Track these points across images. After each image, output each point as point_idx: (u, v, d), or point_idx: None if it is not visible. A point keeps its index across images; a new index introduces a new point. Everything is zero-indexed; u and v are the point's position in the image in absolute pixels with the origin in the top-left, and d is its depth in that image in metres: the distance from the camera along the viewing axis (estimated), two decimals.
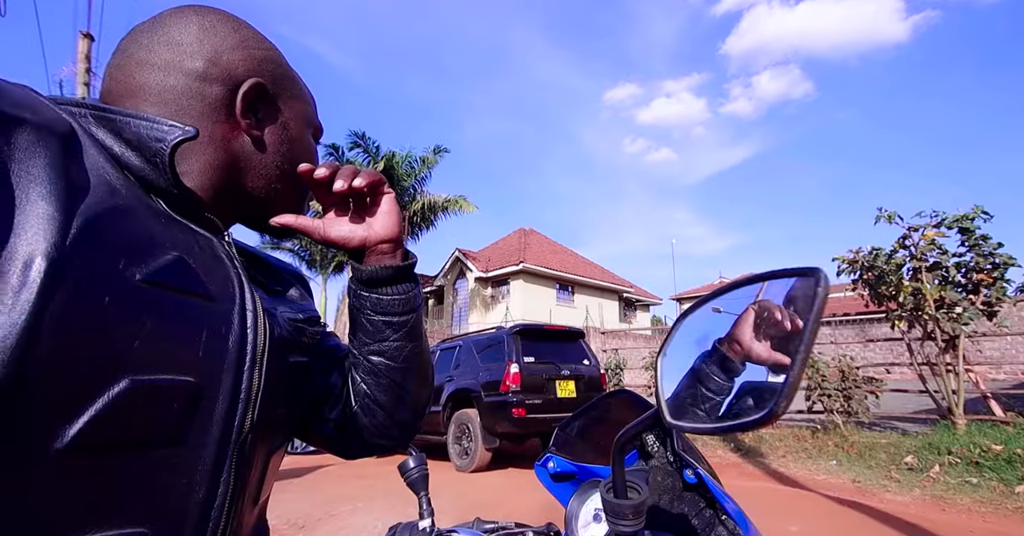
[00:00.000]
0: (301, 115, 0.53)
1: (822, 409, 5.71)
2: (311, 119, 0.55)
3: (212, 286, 0.40)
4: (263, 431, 0.43)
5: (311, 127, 0.55)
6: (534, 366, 5.22)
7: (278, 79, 0.51)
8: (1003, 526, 3.21)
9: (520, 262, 18.68)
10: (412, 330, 0.54)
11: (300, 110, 0.53)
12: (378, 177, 0.51)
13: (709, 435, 0.52)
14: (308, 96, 0.56)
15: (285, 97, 0.52)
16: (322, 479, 4.94)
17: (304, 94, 0.55)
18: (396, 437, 0.59)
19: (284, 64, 0.53)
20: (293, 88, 0.53)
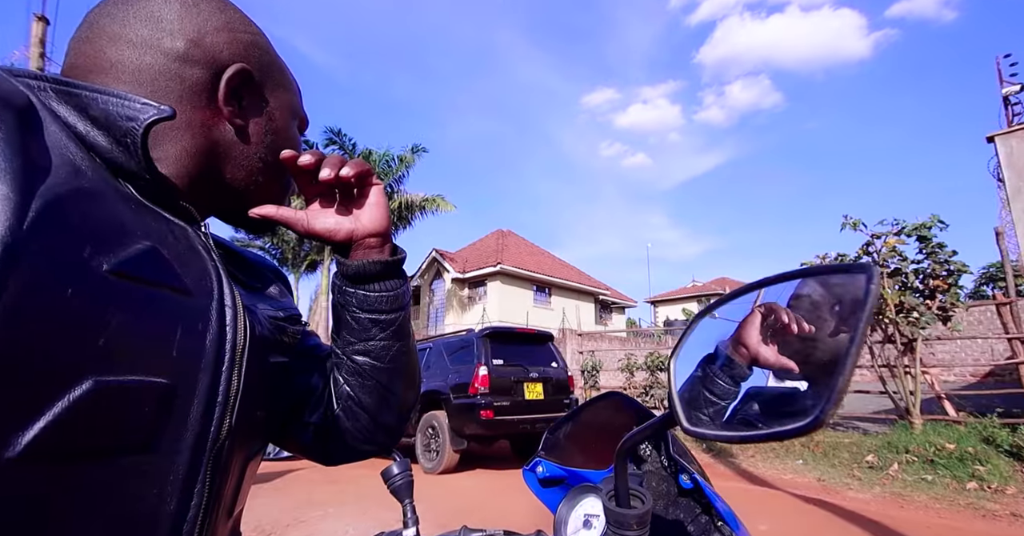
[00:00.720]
0: (287, 105, 0.51)
1: None
2: (297, 110, 0.53)
3: (188, 279, 0.36)
4: (241, 436, 0.40)
5: (296, 118, 0.53)
6: (503, 368, 5.26)
7: (265, 66, 0.48)
8: (956, 521, 3.37)
9: (497, 263, 18.65)
10: (399, 329, 0.52)
11: (286, 100, 0.51)
12: (366, 167, 0.49)
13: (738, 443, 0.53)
14: (295, 85, 0.53)
15: (271, 85, 0.49)
16: (291, 483, 4.80)
17: (291, 83, 0.52)
18: (380, 442, 0.56)
19: (271, 50, 0.50)
20: (280, 76, 0.51)
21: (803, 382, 0.41)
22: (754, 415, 0.42)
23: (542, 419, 5.31)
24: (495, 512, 3.75)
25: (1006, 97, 6.40)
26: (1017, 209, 5.79)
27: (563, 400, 5.58)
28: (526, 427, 5.24)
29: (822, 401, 0.27)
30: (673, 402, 0.37)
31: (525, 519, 3.47)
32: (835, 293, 0.32)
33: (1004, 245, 6.22)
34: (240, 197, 0.48)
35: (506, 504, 3.96)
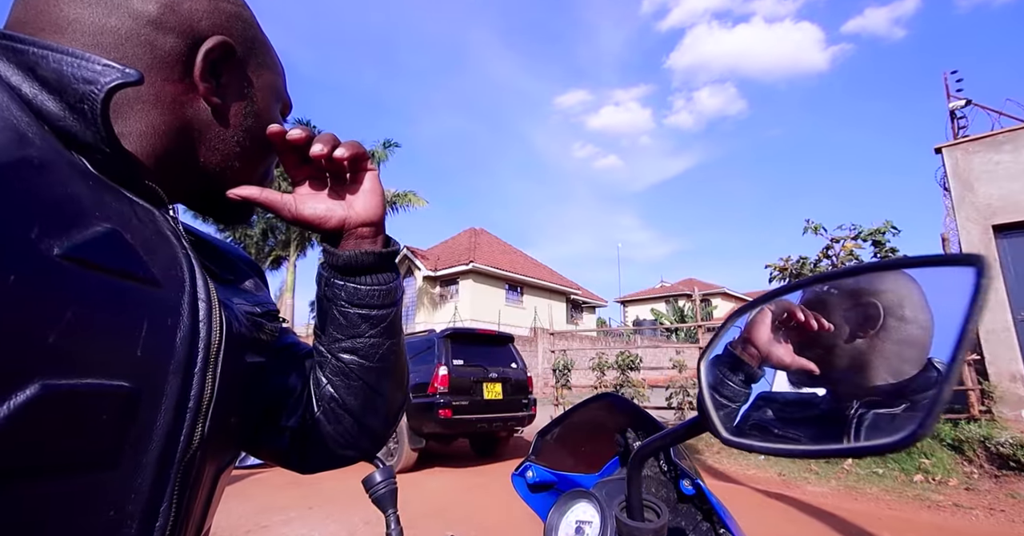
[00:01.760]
0: (270, 86, 0.47)
1: None
2: (281, 93, 0.49)
3: (155, 268, 0.32)
4: (213, 446, 0.36)
5: (280, 102, 0.49)
6: (463, 369, 5.34)
7: (248, 42, 0.44)
8: (904, 512, 3.56)
9: (470, 262, 18.54)
10: (390, 326, 0.49)
11: (270, 81, 0.47)
12: (361, 149, 0.45)
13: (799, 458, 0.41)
14: (279, 66, 0.49)
15: (255, 64, 0.45)
16: (252, 487, 4.60)
17: (276, 63, 0.48)
18: (364, 447, 0.52)
19: (256, 25, 0.46)
20: (264, 55, 0.46)
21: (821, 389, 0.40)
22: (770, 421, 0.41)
23: (500, 418, 5.45)
24: (463, 512, 3.71)
25: (952, 111, 6.81)
26: (961, 217, 6.18)
27: (521, 400, 5.72)
28: (484, 426, 5.38)
29: (920, 413, 0.24)
30: (706, 408, 0.34)
31: (495, 519, 3.45)
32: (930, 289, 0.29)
33: (950, 250, 6.63)
34: (212, 183, 0.44)
35: (474, 504, 3.92)
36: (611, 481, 0.65)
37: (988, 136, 6.20)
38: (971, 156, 6.25)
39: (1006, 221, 5.93)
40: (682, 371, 6.78)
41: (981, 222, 6.06)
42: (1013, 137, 6.03)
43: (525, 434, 7.29)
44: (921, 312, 0.35)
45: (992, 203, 6.03)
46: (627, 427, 0.65)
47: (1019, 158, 5.95)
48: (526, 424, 5.84)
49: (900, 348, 0.36)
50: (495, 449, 6.09)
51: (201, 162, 0.42)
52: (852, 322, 0.37)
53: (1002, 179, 6.02)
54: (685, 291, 26.75)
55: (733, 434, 0.32)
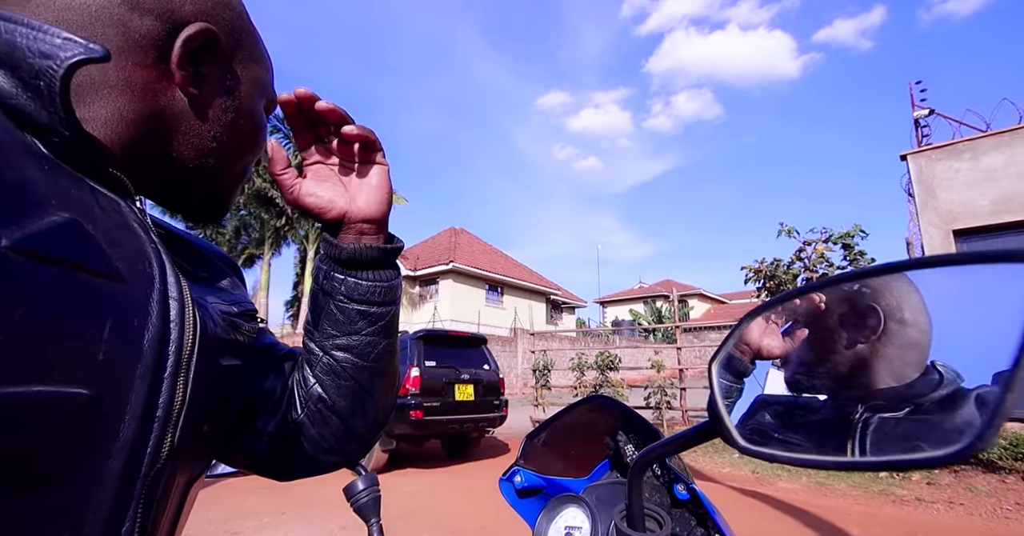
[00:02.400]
0: (256, 81, 0.44)
1: None
2: (267, 88, 0.46)
3: (120, 263, 0.29)
4: (183, 457, 0.33)
5: (265, 98, 0.46)
6: (435, 370, 5.36)
7: (235, 32, 0.41)
8: (870, 507, 3.68)
9: (450, 261, 18.44)
10: (388, 325, 0.47)
11: (256, 75, 0.44)
12: (372, 136, 0.43)
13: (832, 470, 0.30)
14: (267, 60, 0.47)
15: (240, 56, 0.42)
16: (222, 491, 4.44)
17: (263, 56, 0.46)
18: (350, 452, 0.50)
19: (245, 15, 0.43)
20: (252, 47, 0.44)
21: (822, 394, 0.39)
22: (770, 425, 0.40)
23: (471, 419, 5.49)
24: (441, 515, 3.66)
25: (917, 120, 7.10)
26: (924, 222, 6.45)
27: (493, 401, 5.75)
28: (455, 427, 5.39)
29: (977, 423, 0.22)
30: (719, 414, 0.33)
31: (475, 522, 3.42)
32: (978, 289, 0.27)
33: (913, 254, 6.92)
34: (183, 179, 0.41)
35: (452, 507, 3.88)
36: (601, 485, 0.64)
37: (949, 144, 6.49)
38: (934, 163, 6.54)
39: (965, 226, 6.21)
40: (660, 371, 6.88)
41: (943, 227, 6.34)
42: (972, 146, 6.33)
43: (499, 435, 7.30)
44: (920, 314, 0.35)
45: (953, 209, 6.32)
46: (618, 430, 0.64)
47: (977, 166, 6.25)
48: (497, 425, 5.90)
49: (901, 352, 0.35)
50: (466, 449, 6.10)
51: (172, 156, 0.40)
52: (852, 327, 0.36)
53: (962, 186, 6.31)
54: (663, 292, 27.21)
55: (749, 442, 0.31)
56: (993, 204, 6.07)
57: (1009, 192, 5.99)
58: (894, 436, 0.32)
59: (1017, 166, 5.99)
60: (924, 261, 0.28)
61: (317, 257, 0.47)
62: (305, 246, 18.57)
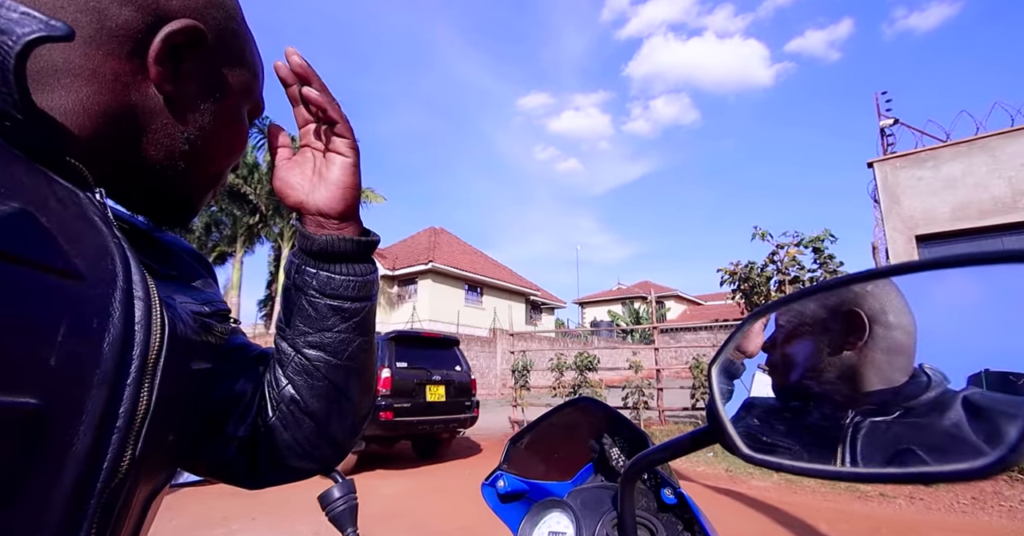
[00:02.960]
0: (242, 86, 0.43)
1: (704, 406, 6.34)
2: (253, 94, 0.45)
3: (79, 259, 0.27)
4: (146, 469, 0.31)
5: (250, 103, 0.45)
6: (406, 371, 5.37)
7: (225, 33, 0.40)
8: (838, 503, 3.80)
9: (429, 261, 18.29)
10: (363, 321, 0.45)
11: (242, 80, 0.42)
12: (332, 109, 0.41)
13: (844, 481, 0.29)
14: (257, 65, 0.45)
15: (228, 58, 0.41)
16: (187, 497, 4.27)
17: (253, 61, 0.44)
18: (324, 457, 0.48)
19: (238, 17, 0.42)
20: (242, 51, 0.42)
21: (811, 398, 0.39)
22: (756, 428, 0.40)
23: (442, 420, 5.52)
24: (421, 517, 3.62)
25: (883, 129, 7.40)
26: (889, 227, 6.72)
27: (464, 402, 5.80)
28: (425, 428, 5.41)
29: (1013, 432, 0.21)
30: (720, 419, 0.32)
31: (450, 524, 3.38)
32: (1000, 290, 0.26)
33: (878, 258, 7.19)
34: (147, 180, 0.39)
35: (430, 508, 3.84)
36: (586, 489, 0.63)
37: (912, 153, 6.78)
38: (898, 171, 6.82)
39: (927, 232, 6.50)
40: (638, 372, 6.96)
41: (906, 232, 6.61)
42: (933, 155, 6.62)
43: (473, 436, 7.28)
44: (904, 316, 0.35)
45: (915, 215, 6.59)
46: (603, 432, 0.63)
47: (938, 174, 6.54)
48: (468, 425, 5.94)
49: (888, 356, 0.35)
50: (437, 450, 6.10)
51: (140, 156, 0.37)
52: (837, 333, 0.36)
53: (924, 193, 6.59)
54: (641, 293, 27.61)
55: (753, 449, 0.30)
56: (953, 211, 6.36)
57: (967, 200, 6.29)
58: (885, 441, 0.32)
59: (975, 175, 6.29)
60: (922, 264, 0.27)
61: (291, 252, 0.45)
62: (280, 244, 18.14)
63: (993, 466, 0.20)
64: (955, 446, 0.28)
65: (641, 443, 0.56)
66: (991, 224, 6.14)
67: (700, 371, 6.40)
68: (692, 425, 6.45)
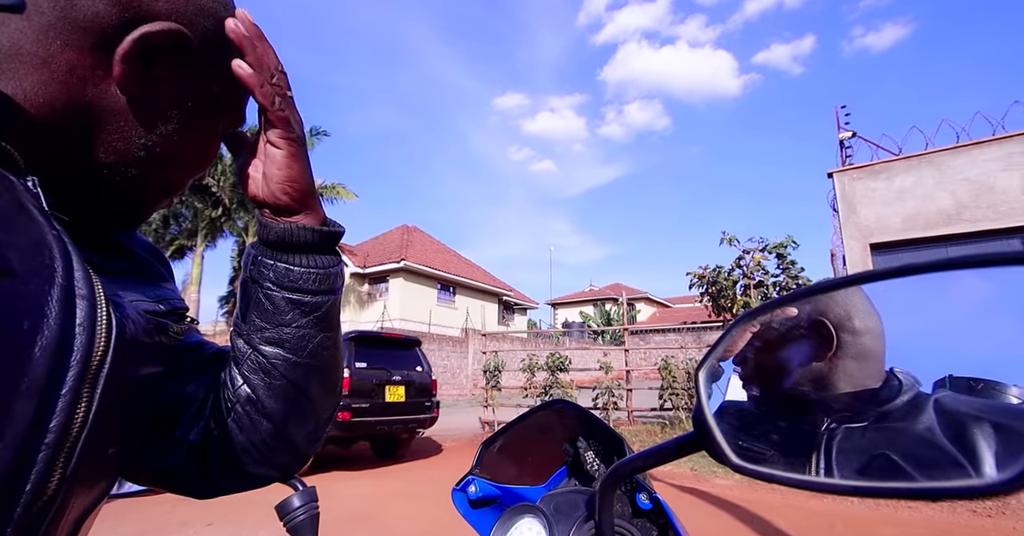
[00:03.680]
0: (223, 100, 0.41)
1: (671, 406, 6.49)
2: (235, 110, 0.42)
3: (11, 252, 0.24)
4: (80, 486, 0.28)
5: (229, 118, 0.42)
6: (365, 372, 5.36)
7: (212, 44, 0.37)
8: (795, 501, 3.95)
9: (401, 260, 18.03)
10: (325, 317, 0.42)
11: (225, 95, 0.41)
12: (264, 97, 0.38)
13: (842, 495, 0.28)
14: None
15: (211, 70, 0.38)
16: (133, 503, 4.04)
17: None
18: (284, 463, 0.45)
19: None
20: (228, 64, 0.39)
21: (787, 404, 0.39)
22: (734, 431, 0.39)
23: (401, 421, 5.54)
24: (388, 518, 3.54)
25: (842, 141, 7.76)
26: (847, 235, 7.05)
27: (424, 402, 5.82)
28: (384, 428, 5.41)
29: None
30: (708, 426, 0.31)
31: (417, 526, 3.33)
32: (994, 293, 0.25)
33: (836, 265, 7.54)
34: (91, 182, 0.36)
35: (394, 510, 3.77)
36: (559, 494, 0.62)
37: (868, 165, 7.14)
38: (856, 182, 7.16)
39: (880, 240, 6.85)
40: (608, 372, 7.05)
41: (862, 240, 6.95)
42: (887, 167, 6.99)
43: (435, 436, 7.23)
44: (870, 320, 0.35)
45: (870, 224, 6.94)
46: (578, 435, 0.62)
47: (891, 186, 6.91)
48: (427, 426, 5.97)
49: (859, 363, 0.35)
50: (396, 451, 6.07)
51: (87, 155, 0.35)
52: (806, 345, 0.36)
53: (878, 204, 6.95)
54: (612, 295, 28.04)
55: (742, 458, 0.29)
56: (903, 221, 6.73)
57: (916, 211, 6.67)
58: (860, 447, 0.32)
59: (923, 187, 6.68)
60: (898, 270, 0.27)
61: (250, 243, 0.43)
62: (244, 238, 17.47)
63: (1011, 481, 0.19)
64: (930, 453, 0.28)
65: (617, 446, 0.56)
66: (937, 234, 6.52)
67: (668, 372, 6.54)
68: (660, 426, 6.58)
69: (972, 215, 6.31)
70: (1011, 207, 6.08)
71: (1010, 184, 6.13)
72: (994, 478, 0.20)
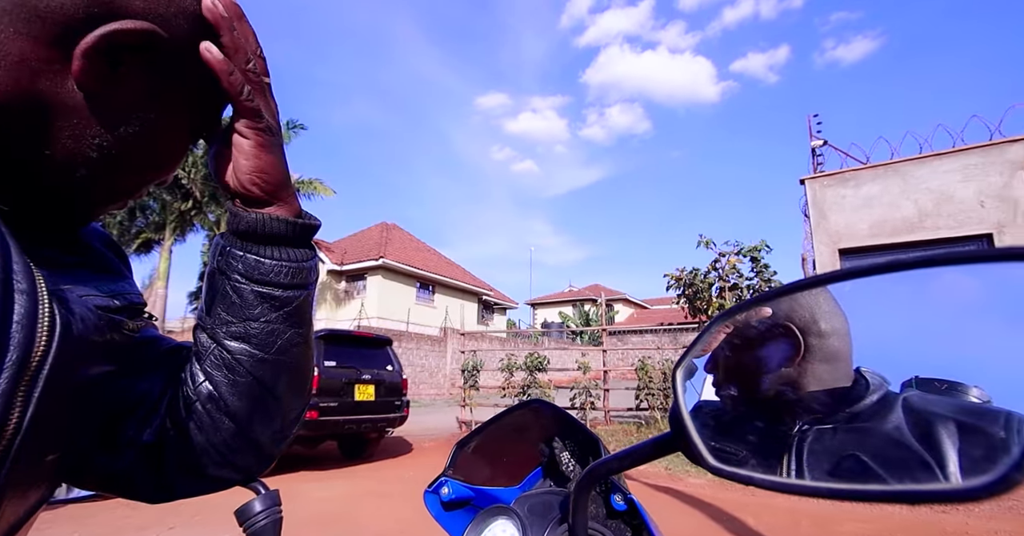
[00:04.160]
0: (196, 108, 0.38)
1: (647, 406, 6.58)
2: (210, 118, 0.40)
3: None
4: (13, 497, 0.26)
5: (199, 123, 0.40)
6: (334, 370, 5.33)
7: (189, 48, 0.35)
8: (764, 499, 4.05)
9: (380, 257, 17.79)
10: (296, 312, 0.41)
11: (201, 103, 0.38)
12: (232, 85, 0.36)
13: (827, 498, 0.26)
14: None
15: (186, 75, 0.36)
16: (88, 508, 3.86)
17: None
18: (246, 465, 0.43)
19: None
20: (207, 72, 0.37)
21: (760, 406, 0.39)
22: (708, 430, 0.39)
23: (370, 420, 5.52)
24: (361, 518, 3.49)
25: (814, 149, 8.02)
26: (817, 240, 7.27)
27: (394, 402, 5.82)
28: (352, 427, 5.39)
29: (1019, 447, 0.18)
30: (685, 427, 0.30)
31: (390, 526, 3.29)
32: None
33: (807, 269, 7.77)
34: (34, 179, 0.33)
35: (365, 511, 3.72)
36: (533, 495, 0.61)
37: (838, 173, 7.39)
38: (826, 189, 7.40)
39: (848, 246, 7.10)
40: (586, 373, 7.11)
41: (831, 245, 7.19)
42: (855, 176, 7.25)
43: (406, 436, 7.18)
44: (836, 320, 0.35)
45: (839, 230, 7.19)
46: (554, 435, 0.61)
47: (859, 193, 7.17)
48: (397, 425, 5.96)
49: (828, 365, 0.35)
50: (364, 450, 6.03)
51: (32, 150, 0.32)
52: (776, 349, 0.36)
53: (847, 210, 7.20)
54: (591, 296, 28.28)
55: (719, 460, 0.29)
56: (870, 228, 6.99)
57: (882, 218, 6.93)
58: (831, 448, 0.32)
59: (889, 195, 6.95)
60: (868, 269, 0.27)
61: (219, 234, 0.41)
62: (216, 233, 16.90)
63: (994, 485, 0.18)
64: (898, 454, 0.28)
65: (593, 447, 0.55)
66: (901, 241, 6.79)
67: (645, 372, 6.63)
68: (636, 425, 6.67)
69: (934, 223, 6.60)
70: (967, 216, 6.38)
71: (967, 194, 6.43)
72: (960, 485, 0.20)
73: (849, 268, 0.31)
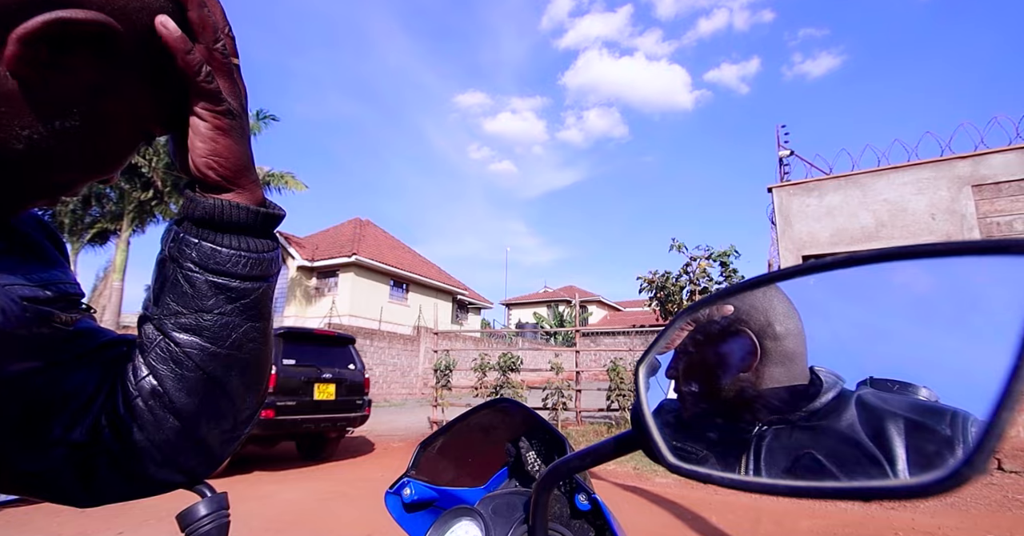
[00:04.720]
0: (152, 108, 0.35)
1: (618, 407, 6.67)
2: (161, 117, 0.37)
3: None
4: None
5: (150, 124, 0.37)
6: (293, 369, 5.25)
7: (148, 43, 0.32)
8: (728, 497, 4.17)
9: (352, 254, 17.44)
10: (255, 305, 0.39)
11: (158, 102, 0.36)
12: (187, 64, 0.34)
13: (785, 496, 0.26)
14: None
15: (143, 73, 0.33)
16: (31, 510, 3.63)
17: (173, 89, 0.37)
18: (190, 466, 0.41)
19: None
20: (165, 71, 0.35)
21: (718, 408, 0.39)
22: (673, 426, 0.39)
23: (330, 419, 5.44)
24: (322, 524, 3.40)
25: (781, 158, 8.32)
26: (782, 247, 7.54)
27: (356, 401, 5.76)
28: (310, 427, 5.30)
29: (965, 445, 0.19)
30: (646, 425, 0.30)
31: (359, 530, 3.22)
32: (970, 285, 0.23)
33: None
34: None
35: (328, 516, 3.63)
36: (498, 496, 0.60)
37: (803, 182, 7.68)
38: (792, 197, 7.68)
39: (811, 253, 7.39)
40: (559, 373, 7.15)
41: (796, 252, 7.47)
42: (818, 186, 7.55)
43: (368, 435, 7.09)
44: (790, 321, 0.36)
45: (803, 238, 7.47)
46: (520, 435, 0.61)
47: (822, 203, 7.47)
48: (357, 424, 5.89)
49: (785, 367, 0.36)
50: (323, 450, 5.91)
51: None
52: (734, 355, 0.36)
53: (810, 219, 7.49)
54: (566, 297, 28.49)
55: (678, 458, 0.28)
56: (831, 236, 7.30)
57: (842, 227, 7.25)
58: (787, 447, 0.32)
59: (850, 206, 7.27)
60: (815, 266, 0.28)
61: (172, 220, 0.39)
62: None
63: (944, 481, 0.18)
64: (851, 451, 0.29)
65: (559, 447, 0.55)
66: (858, 250, 7.11)
67: (616, 374, 6.72)
68: (607, 426, 6.75)
69: (889, 233, 6.94)
70: (920, 227, 6.75)
71: (919, 206, 6.80)
72: (908, 482, 0.20)
73: (810, 263, 0.31)
